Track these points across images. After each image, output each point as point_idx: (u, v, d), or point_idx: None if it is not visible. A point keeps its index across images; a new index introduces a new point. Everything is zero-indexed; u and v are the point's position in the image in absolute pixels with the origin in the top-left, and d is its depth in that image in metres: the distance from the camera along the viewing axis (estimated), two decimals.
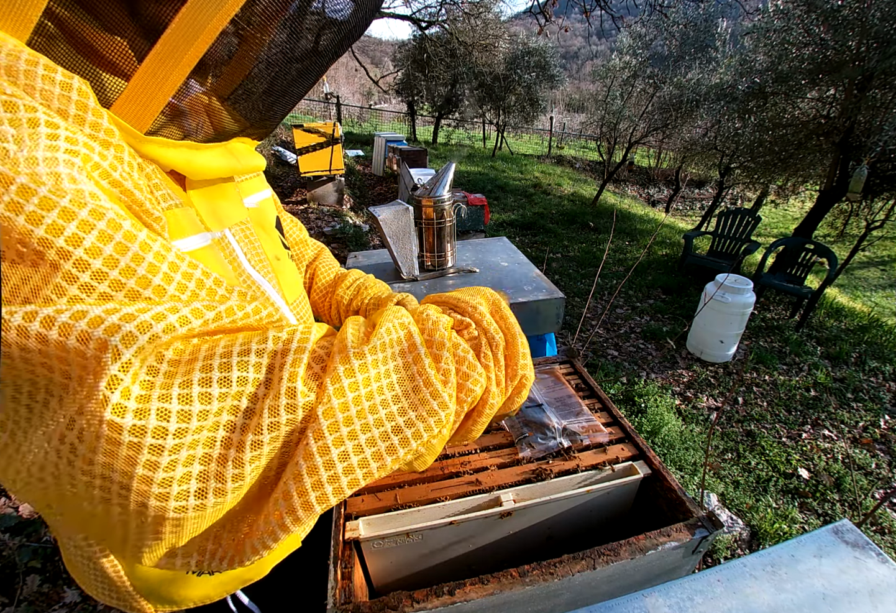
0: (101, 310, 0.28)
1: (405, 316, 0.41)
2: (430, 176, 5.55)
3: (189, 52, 0.36)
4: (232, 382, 0.31)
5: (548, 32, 6.96)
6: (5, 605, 1.44)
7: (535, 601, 0.69)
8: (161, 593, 0.57)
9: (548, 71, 11.57)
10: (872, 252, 9.92)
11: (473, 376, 0.41)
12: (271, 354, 0.33)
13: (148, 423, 0.27)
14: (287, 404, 0.32)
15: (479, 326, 0.44)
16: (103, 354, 0.26)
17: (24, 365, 0.27)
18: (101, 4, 0.36)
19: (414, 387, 0.37)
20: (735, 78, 5.86)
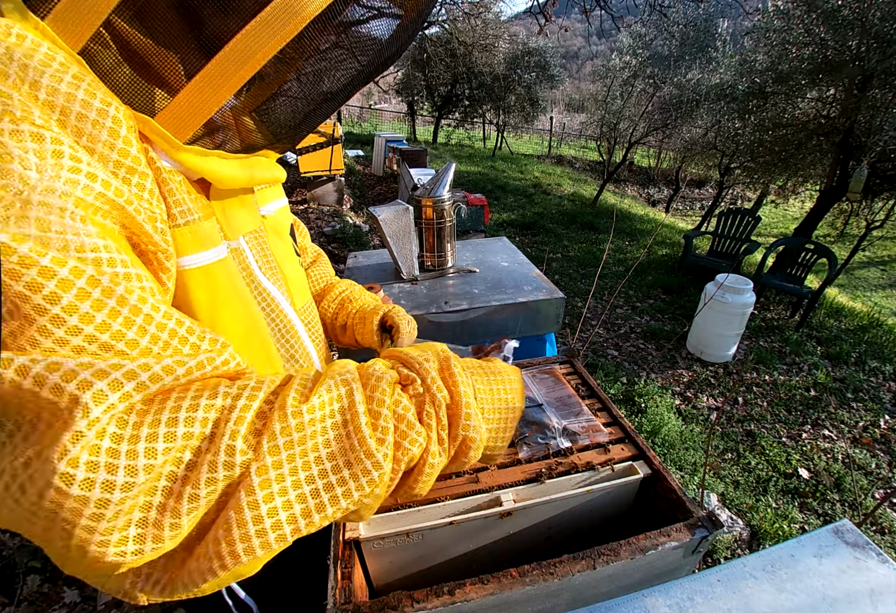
0: (75, 364, 0.29)
1: (349, 373, 0.41)
2: (430, 176, 5.55)
3: (239, 73, 0.39)
4: (177, 437, 0.32)
5: (548, 32, 6.95)
6: (5, 605, 1.44)
7: (535, 601, 0.69)
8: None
9: (548, 71, 11.57)
10: (872, 252, 9.93)
11: (411, 435, 0.41)
12: (219, 409, 0.35)
13: (97, 476, 0.29)
14: (225, 461, 0.33)
15: (423, 383, 0.44)
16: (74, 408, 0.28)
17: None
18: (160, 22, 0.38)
19: (350, 445, 0.38)
20: (735, 78, 5.86)
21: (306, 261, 0.97)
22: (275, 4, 0.37)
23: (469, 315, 1.38)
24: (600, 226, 6.71)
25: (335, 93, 0.49)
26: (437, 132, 13.58)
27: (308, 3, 0.37)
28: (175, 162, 0.43)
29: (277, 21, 0.37)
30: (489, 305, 1.39)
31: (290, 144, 0.55)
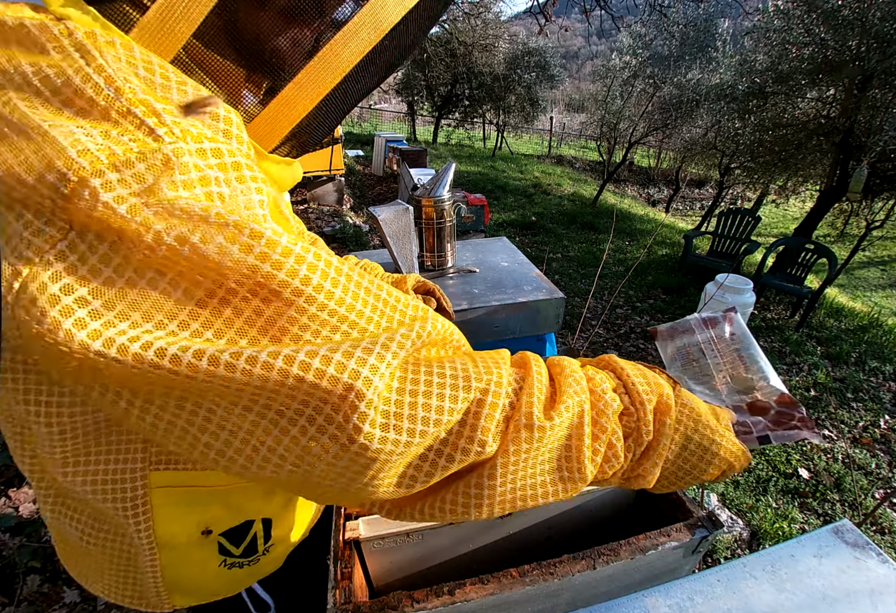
0: (341, 355, 0.33)
1: (584, 392, 0.44)
2: (430, 176, 5.53)
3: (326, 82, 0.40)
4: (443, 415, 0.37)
5: (548, 32, 6.95)
6: (5, 605, 1.44)
7: (535, 601, 0.69)
8: (189, 587, 0.60)
9: (548, 71, 11.57)
10: (872, 252, 9.92)
11: (614, 462, 0.45)
12: (475, 402, 0.39)
13: (384, 447, 0.34)
14: (475, 450, 0.39)
15: (639, 420, 0.46)
16: (349, 394, 0.32)
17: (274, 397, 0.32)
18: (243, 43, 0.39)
19: (567, 456, 0.44)
20: (735, 78, 5.86)
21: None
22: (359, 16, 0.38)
23: (469, 315, 1.38)
24: (600, 226, 6.71)
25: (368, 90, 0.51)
26: (437, 132, 13.58)
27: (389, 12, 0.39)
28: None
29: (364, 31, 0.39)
30: (489, 305, 1.39)
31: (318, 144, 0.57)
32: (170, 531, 0.52)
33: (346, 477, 0.36)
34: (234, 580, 0.64)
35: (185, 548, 0.55)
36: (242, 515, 0.57)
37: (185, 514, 0.52)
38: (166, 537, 0.52)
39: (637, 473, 0.47)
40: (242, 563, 0.62)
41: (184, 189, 0.29)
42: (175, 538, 0.53)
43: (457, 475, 0.42)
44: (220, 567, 0.60)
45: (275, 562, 0.67)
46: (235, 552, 0.60)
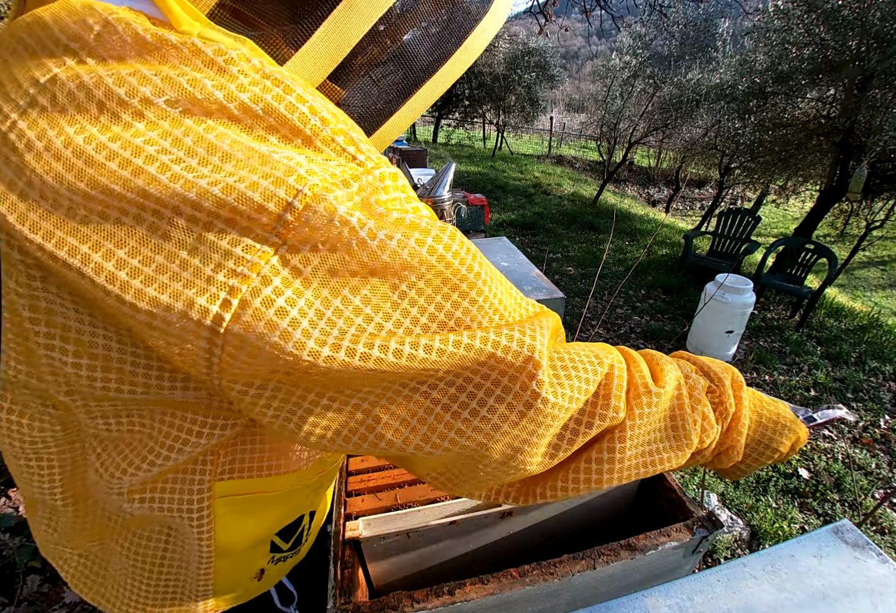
0: (517, 332, 0.36)
1: (677, 369, 0.50)
2: (431, 176, 5.52)
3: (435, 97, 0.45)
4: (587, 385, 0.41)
5: (548, 32, 6.95)
6: (5, 605, 1.44)
7: (535, 601, 0.69)
8: (233, 588, 0.60)
9: (548, 71, 11.57)
10: (872, 252, 9.93)
11: (709, 431, 0.51)
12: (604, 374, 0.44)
13: (557, 410, 0.39)
14: (611, 416, 0.43)
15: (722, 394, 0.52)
16: (528, 364, 0.36)
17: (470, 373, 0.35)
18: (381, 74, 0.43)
19: (674, 424, 0.49)
20: (735, 78, 5.86)
21: None
22: None
23: None
24: (600, 226, 6.71)
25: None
26: (437, 132, 13.58)
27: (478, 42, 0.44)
28: None
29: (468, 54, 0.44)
30: None
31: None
32: (230, 539, 0.52)
33: (512, 447, 0.39)
34: (274, 574, 0.65)
35: (241, 554, 0.56)
36: (297, 511, 0.60)
37: (246, 520, 0.53)
38: (227, 545, 0.53)
39: (727, 445, 0.53)
40: (287, 556, 0.64)
41: (390, 205, 0.32)
42: (235, 545, 0.53)
43: (586, 446, 0.46)
44: (268, 564, 0.62)
45: (307, 550, 0.69)
46: (284, 547, 0.62)
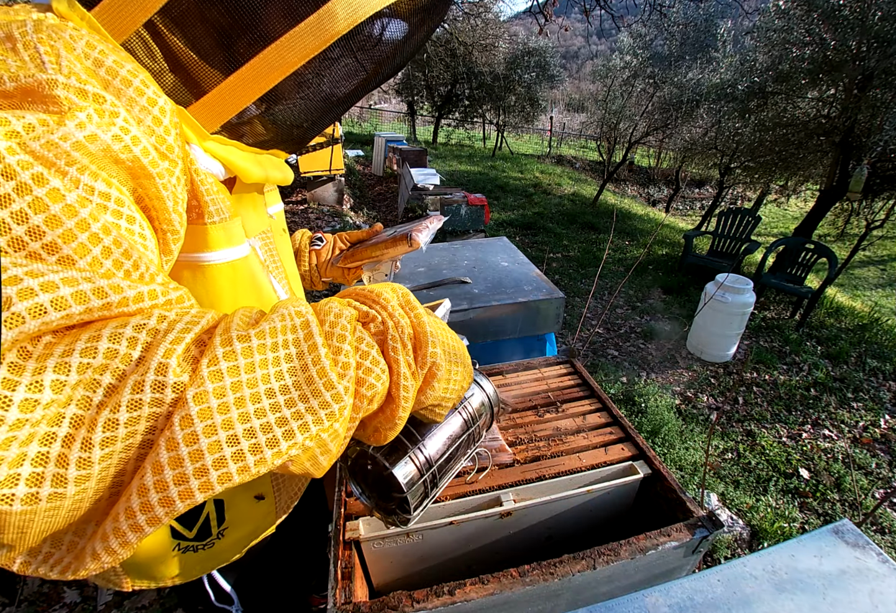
0: None
1: (304, 306, 0.39)
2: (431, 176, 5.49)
3: (270, 77, 0.44)
4: (98, 352, 0.27)
5: (548, 32, 6.94)
6: (5, 605, 1.44)
7: (535, 601, 0.69)
8: (144, 570, 0.61)
9: (548, 71, 11.56)
10: (872, 252, 9.92)
11: (376, 371, 0.39)
12: (152, 331, 0.30)
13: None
14: (154, 380, 0.28)
15: (385, 312, 0.43)
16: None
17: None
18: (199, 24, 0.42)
19: (307, 378, 0.35)
20: (735, 78, 5.86)
21: None
22: (309, 20, 0.42)
23: (469, 315, 1.38)
24: (600, 226, 6.70)
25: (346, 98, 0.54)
26: (437, 132, 13.57)
27: (339, 22, 0.43)
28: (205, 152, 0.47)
29: (310, 36, 0.43)
30: (489, 305, 1.39)
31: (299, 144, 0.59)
32: None
33: None
34: (190, 564, 0.64)
35: None
36: None
37: None
38: None
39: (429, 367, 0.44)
40: (197, 547, 0.62)
41: None
42: None
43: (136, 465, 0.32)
44: (174, 551, 0.60)
45: (233, 549, 0.67)
46: (189, 534, 0.60)
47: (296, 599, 1.01)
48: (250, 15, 0.42)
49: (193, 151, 0.46)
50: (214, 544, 0.64)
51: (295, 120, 0.53)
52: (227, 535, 0.65)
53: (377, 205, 6.66)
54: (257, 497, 0.65)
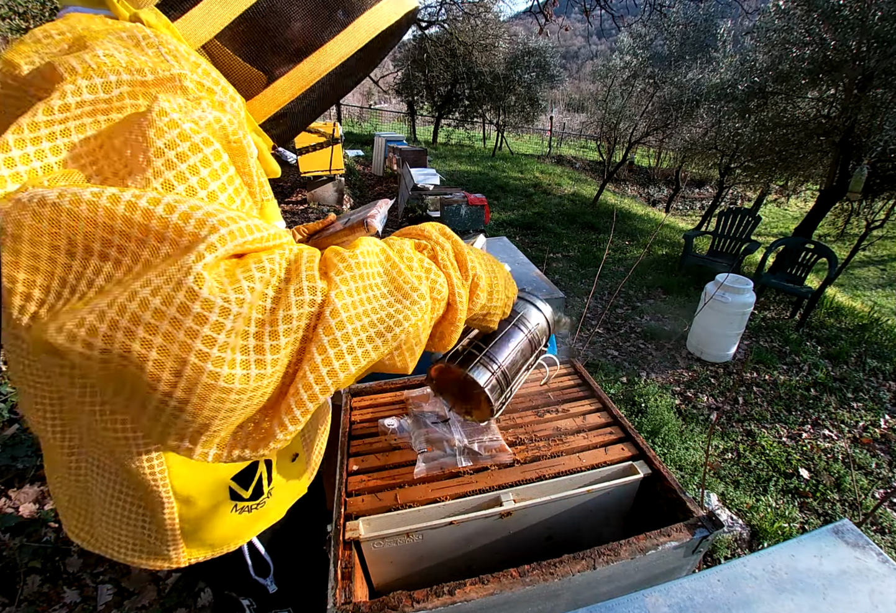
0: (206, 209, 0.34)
1: (378, 240, 0.49)
2: (431, 176, 5.48)
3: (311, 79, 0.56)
4: (264, 269, 0.36)
5: (548, 32, 6.95)
6: (5, 605, 1.44)
7: (535, 601, 0.69)
8: (205, 536, 0.65)
9: (548, 71, 11.57)
10: (872, 252, 9.93)
11: (439, 281, 0.50)
12: (293, 257, 0.40)
13: (215, 300, 0.32)
14: (308, 286, 0.38)
15: (431, 240, 0.54)
16: (197, 236, 0.32)
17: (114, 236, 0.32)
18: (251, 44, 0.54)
19: (396, 286, 0.45)
20: (735, 78, 5.86)
21: None
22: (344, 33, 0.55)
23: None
24: (600, 226, 6.70)
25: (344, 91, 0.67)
26: (437, 132, 13.57)
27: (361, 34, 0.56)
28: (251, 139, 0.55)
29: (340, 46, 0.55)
30: None
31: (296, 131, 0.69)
32: (186, 485, 0.58)
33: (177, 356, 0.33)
34: (245, 525, 0.69)
35: (201, 500, 0.60)
36: None
37: (197, 466, 0.58)
38: (184, 491, 0.58)
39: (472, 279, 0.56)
40: (251, 507, 0.68)
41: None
42: (192, 491, 0.59)
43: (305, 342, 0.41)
44: (231, 513, 0.65)
45: (278, 509, 0.73)
46: (245, 494, 0.66)
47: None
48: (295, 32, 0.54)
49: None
50: (265, 504, 0.69)
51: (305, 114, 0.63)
52: (273, 494, 0.70)
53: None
54: (293, 458, 0.73)
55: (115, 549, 0.63)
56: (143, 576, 1.57)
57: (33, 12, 3.90)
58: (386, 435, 0.96)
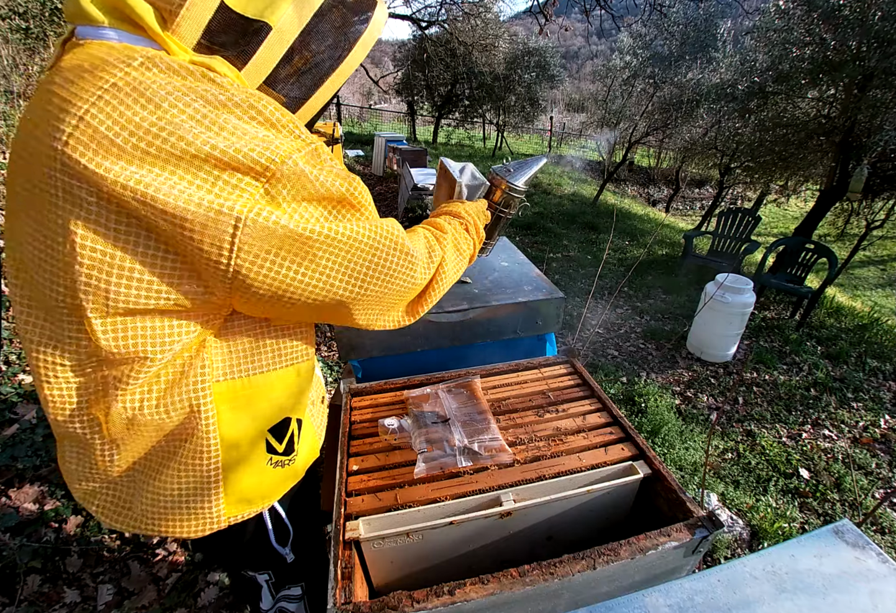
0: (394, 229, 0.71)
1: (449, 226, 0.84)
2: (431, 175, 5.44)
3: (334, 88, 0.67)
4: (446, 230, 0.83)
5: (548, 32, 6.95)
6: (5, 605, 1.44)
7: (536, 601, 0.69)
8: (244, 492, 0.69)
9: (548, 71, 11.56)
10: (872, 251, 9.93)
11: (471, 245, 0.87)
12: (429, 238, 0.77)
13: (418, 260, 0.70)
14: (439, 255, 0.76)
15: (467, 222, 0.88)
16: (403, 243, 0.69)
17: None
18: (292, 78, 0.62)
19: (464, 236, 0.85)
20: (735, 78, 5.86)
21: None
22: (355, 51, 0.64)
23: (469, 315, 1.38)
24: (600, 226, 6.70)
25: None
26: (437, 132, 13.57)
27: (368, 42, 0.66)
28: None
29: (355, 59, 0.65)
30: (489, 305, 1.39)
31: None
32: (231, 432, 0.63)
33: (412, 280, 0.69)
34: (277, 481, 0.74)
35: (242, 447, 0.66)
36: (283, 411, 0.71)
37: (242, 415, 0.64)
38: (230, 438, 0.63)
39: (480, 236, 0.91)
40: (284, 462, 0.74)
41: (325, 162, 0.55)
42: (236, 438, 0.64)
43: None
44: (267, 465, 0.71)
45: (303, 465, 0.79)
46: (279, 448, 0.72)
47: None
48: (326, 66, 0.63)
49: None
50: (295, 460, 0.75)
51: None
52: (299, 451, 0.76)
53: (377, 205, 6.60)
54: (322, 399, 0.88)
55: (152, 521, 0.65)
56: (143, 576, 1.57)
57: (33, 12, 3.90)
58: (386, 435, 0.96)
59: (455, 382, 1.09)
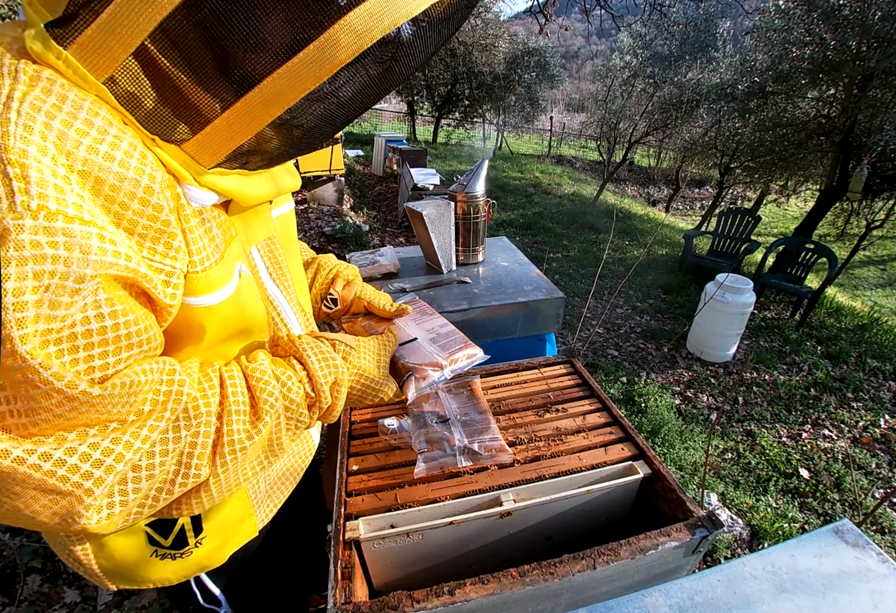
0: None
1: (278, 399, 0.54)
2: (432, 175, 5.46)
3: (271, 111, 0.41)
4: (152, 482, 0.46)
5: (548, 32, 6.94)
6: (5, 605, 1.44)
7: (536, 601, 0.69)
8: (124, 573, 0.63)
9: (548, 71, 11.56)
10: (872, 251, 9.92)
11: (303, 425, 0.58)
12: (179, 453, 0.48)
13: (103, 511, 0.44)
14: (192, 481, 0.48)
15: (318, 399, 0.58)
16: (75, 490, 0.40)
17: None
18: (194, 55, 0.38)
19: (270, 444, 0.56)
20: (735, 77, 5.86)
21: None
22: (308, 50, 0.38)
23: (469, 315, 1.38)
24: (600, 226, 6.70)
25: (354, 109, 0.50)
26: (437, 132, 13.57)
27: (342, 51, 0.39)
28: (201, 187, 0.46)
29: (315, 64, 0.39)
30: (489, 305, 1.39)
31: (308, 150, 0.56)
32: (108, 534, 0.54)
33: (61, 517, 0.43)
34: (169, 571, 0.66)
35: (111, 538, 0.59)
36: None
37: None
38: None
39: (328, 417, 0.61)
40: (175, 555, 0.65)
41: None
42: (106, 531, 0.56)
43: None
44: (152, 557, 0.63)
45: (214, 557, 0.69)
46: (164, 543, 0.63)
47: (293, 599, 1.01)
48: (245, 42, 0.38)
49: (185, 190, 0.45)
50: (192, 552, 0.66)
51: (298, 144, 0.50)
52: (205, 543, 0.66)
53: (377, 205, 6.66)
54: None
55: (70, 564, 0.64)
56: None
57: None
58: (386, 435, 0.96)
59: (455, 382, 1.09)
